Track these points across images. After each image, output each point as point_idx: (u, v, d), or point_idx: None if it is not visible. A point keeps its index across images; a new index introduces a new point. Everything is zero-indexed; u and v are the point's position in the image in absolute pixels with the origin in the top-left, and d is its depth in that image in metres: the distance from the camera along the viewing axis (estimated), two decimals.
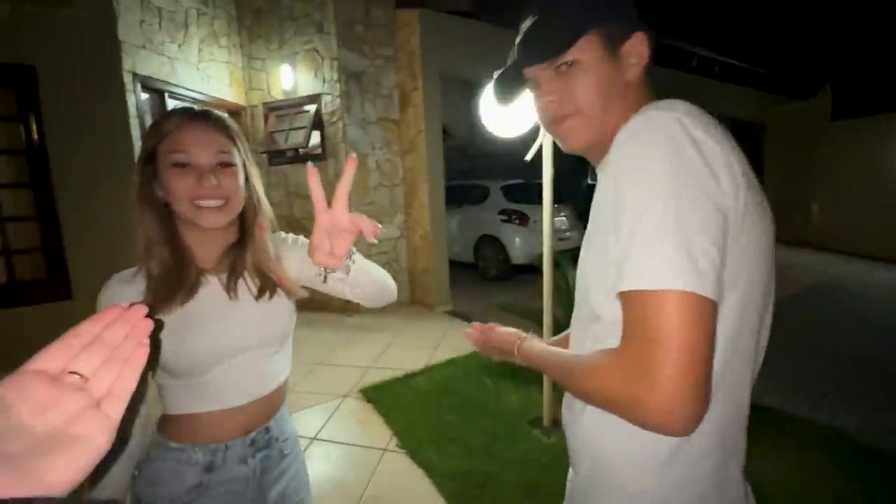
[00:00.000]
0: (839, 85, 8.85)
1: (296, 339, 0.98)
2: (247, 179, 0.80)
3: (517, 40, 0.64)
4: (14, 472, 0.25)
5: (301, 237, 0.91)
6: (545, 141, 2.08)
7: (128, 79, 3.37)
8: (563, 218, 6.14)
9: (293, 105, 4.55)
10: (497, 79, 0.67)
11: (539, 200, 2.35)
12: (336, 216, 0.59)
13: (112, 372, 0.30)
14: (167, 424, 0.80)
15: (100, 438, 0.28)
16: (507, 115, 2.05)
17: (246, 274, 0.81)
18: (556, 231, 5.95)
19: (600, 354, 0.53)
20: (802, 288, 5.51)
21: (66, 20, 2.39)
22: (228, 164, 0.75)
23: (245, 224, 0.82)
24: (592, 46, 0.59)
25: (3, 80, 2.77)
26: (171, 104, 3.80)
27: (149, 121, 3.62)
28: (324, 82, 4.40)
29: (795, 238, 8.88)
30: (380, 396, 2.78)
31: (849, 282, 6.07)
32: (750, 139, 9.53)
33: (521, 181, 6.20)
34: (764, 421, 2.39)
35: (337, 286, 0.79)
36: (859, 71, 9.34)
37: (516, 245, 5.78)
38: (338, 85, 4.33)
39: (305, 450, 2.28)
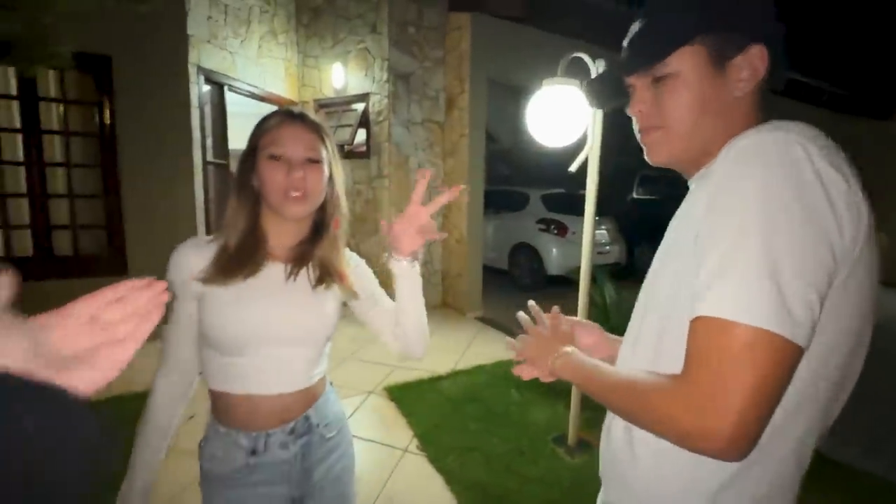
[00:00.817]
0: None
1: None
2: (330, 177, 0.87)
3: (624, 42, 0.62)
4: (45, 367, 0.32)
5: (362, 261, 0.98)
6: (591, 153, 2.02)
7: (192, 71, 3.56)
8: (604, 231, 5.97)
9: (342, 103, 4.66)
10: (594, 80, 0.66)
11: (579, 212, 2.29)
12: (422, 213, 0.81)
13: (132, 323, 0.39)
14: (215, 405, 0.86)
15: (113, 366, 0.36)
16: (555, 125, 2.01)
17: (310, 265, 0.88)
18: (595, 244, 5.80)
19: (661, 378, 0.50)
20: None
21: (142, 14, 2.57)
22: (316, 161, 0.83)
23: (322, 219, 0.89)
24: (695, 58, 0.55)
25: (83, 66, 2.99)
26: (229, 97, 3.98)
27: (208, 111, 3.82)
28: (373, 82, 4.48)
29: None
30: (404, 396, 2.79)
31: None
32: None
33: (562, 191, 6.09)
34: (812, 469, 2.22)
35: (382, 319, 0.94)
36: None
37: (552, 255, 5.67)
38: (387, 85, 4.40)
39: None
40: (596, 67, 1.95)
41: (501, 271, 6.31)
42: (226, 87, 3.93)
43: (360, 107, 4.55)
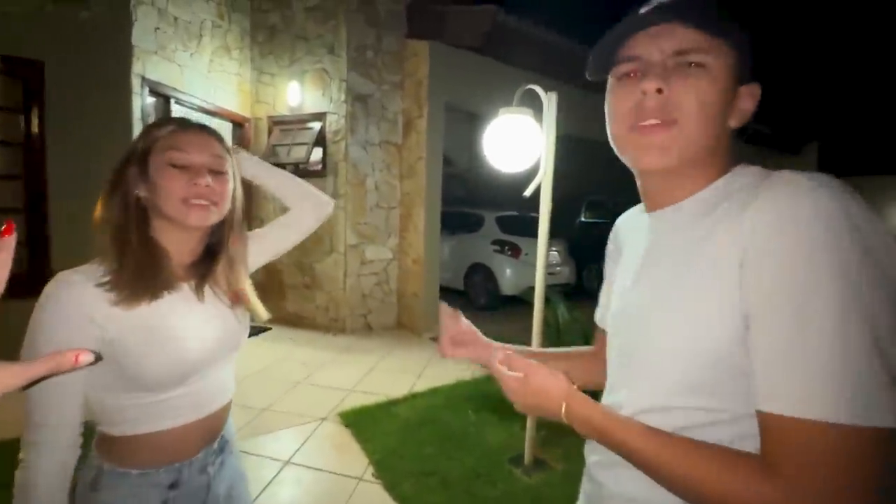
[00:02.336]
0: (825, 144, 9.23)
1: (278, 357, 1.00)
2: (233, 193, 0.82)
3: None
4: None
5: (256, 230, 1.02)
6: (544, 178, 2.12)
7: (136, 82, 3.39)
8: (555, 252, 6.19)
9: (298, 121, 4.60)
10: (608, 34, 0.53)
11: (532, 233, 2.38)
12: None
13: None
14: (118, 449, 0.73)
15: None
16: (511, 151, 2.10)
17: (215, 284, 0.83)
18: (547, 265, 5.99)
19: (736, 457, 0.44)
20: None
21: (82, 21, 2.43)
22: (221, 172, 0.77)
23: (221, 234, 0.83)
24: (728, 60, 0.49)
25: (10, 71, 2.77)
26: (176, 110, 3.82)
27: None
28: (330, 101, 4.47)
29: None
30: (359, 422, 2.71)
31: None
32: None
33: (515, 213, 6.28)
34: None
35: (283, 224, 1.04)
36: (845, 133, 9.77)
37: (507, 276, 5.80)
38: (344, 105, 4.40)
39: (278, 473, 2.20)
40: (549, 99, 2.07)
41: (458, 292, 6.36)
42: (173, 100, 3.77)
43: (316, 125, 4.51)
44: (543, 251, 2.21)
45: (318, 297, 4.69)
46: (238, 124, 4.70)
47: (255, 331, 4.41)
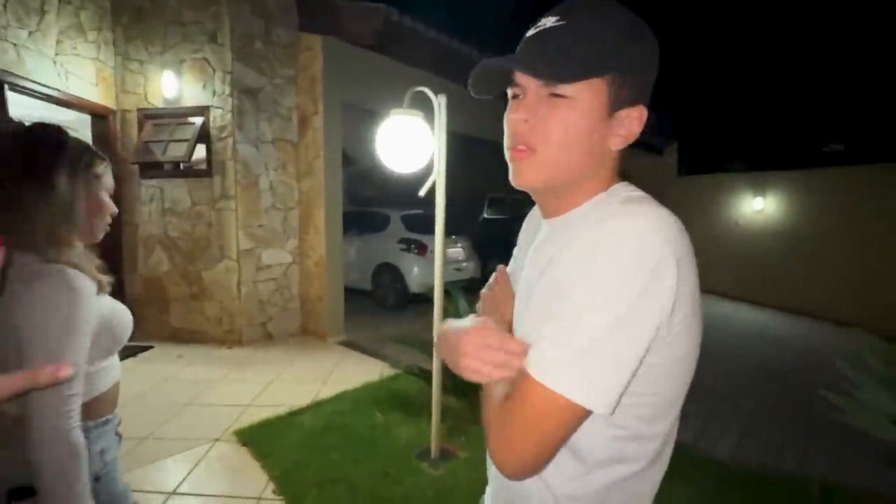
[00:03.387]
0: (684, 145, 10.73)
1: (163, 377, 1.03)
2: None
3: (529, 33, 0.56)
4: None
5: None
6: (438, 178, 2.18)
7: None
8: (460, 249, 6.39)
9: (176, 115, 4.15)
10: (485, 65, 0.57)
11: None
12: None
13: None
14: (92, 408, 0.91)
15: None
16: (403, 152, 2.12)
17: None
18: (451, 262, 6.16)
19: (503, 401, 0.56)
20: None
21: None
22: None
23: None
24: (597, 93, 0.53)
25: None
26: (11, 97, 3.22)
27: None
28: (214, 95, 4.10)
29: None
30: (257, 438, 2.54)
31: None
32: None
33: (420, 211, 6.36)
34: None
35: None
36: (699, 134, 11.46)
37: (414, 274, 5.85)
38: (230, 100, 4.07)
39: None
40: (438, 102, 2.13)
41: (365, 292, 6.26)
42: (6, 86, 3.17)
43: (198, 121, 4.11)
44: (440, 251, 2.27)
45: (208, 309, 4.29)
46: (100, 116, 4.10)
47: (132, 351, 3.90)
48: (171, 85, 4.09)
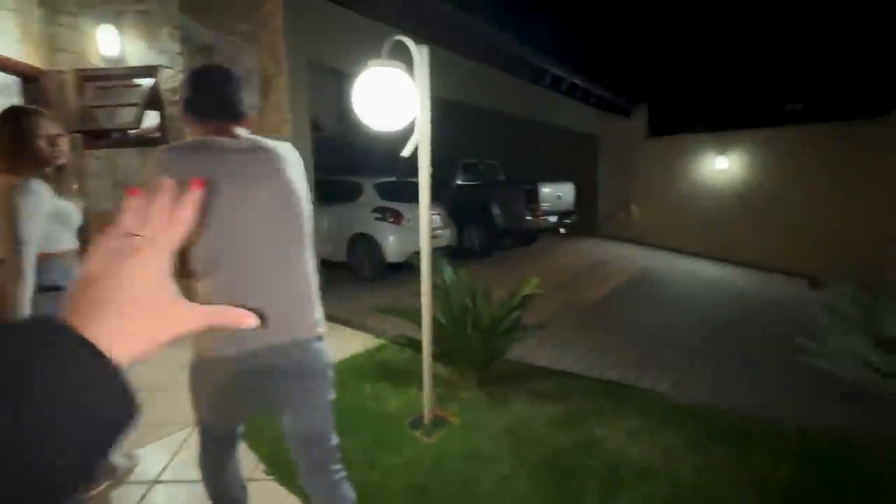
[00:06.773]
0: (652, 107, 10.81)
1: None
2: None
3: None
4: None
5: None
6: (421, 138, 2.04)
7: None
8: (437, 216, 6.27)
9: (120, 76, 3.75)
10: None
11: (412, 199, 2.31)
12: None
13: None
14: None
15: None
16: (383, 107, 1.96)
17: None
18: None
19: None
20: (629, 276, 6.58)
21: None
22: None
23: None
24: None
25: None
26: None
27: None
28: (161, 53, 3.71)
29: (622, 234, 10.60)
30: None
31: (658, 271, 7.46)
32: (589, 149, 11.06)
33: (393, 179, 6.16)
34: (604, 392, 2.74)
35: None
36: (666, 97, 11.55)
37: (390, 243, 5.71)
38: (181, 58, 3.70)
39: (144, 496, 1.88)
40: (420, 53, 1.96)
41: (340, 264, 6.10)
42: None
43: (147, 82, 3.73)
44: (426, 212, 2.16)
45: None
46: (31, 78, 3.65)
47: None
48: (111, 42, 3.66)
